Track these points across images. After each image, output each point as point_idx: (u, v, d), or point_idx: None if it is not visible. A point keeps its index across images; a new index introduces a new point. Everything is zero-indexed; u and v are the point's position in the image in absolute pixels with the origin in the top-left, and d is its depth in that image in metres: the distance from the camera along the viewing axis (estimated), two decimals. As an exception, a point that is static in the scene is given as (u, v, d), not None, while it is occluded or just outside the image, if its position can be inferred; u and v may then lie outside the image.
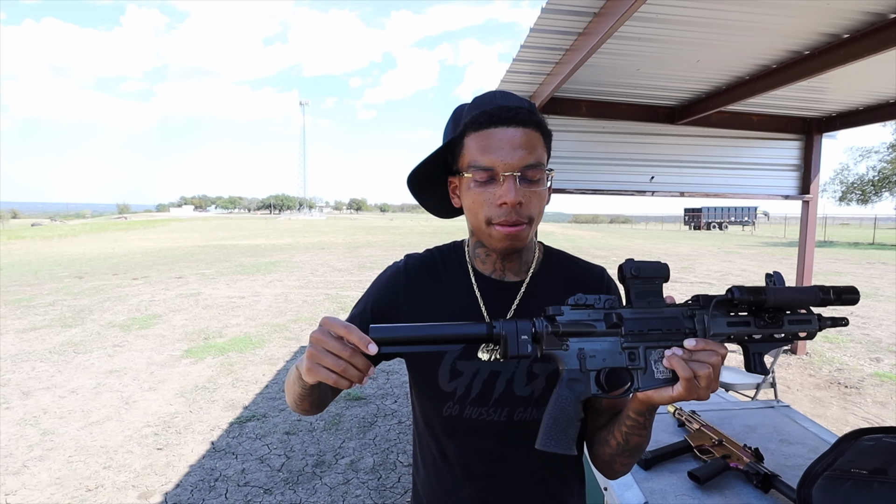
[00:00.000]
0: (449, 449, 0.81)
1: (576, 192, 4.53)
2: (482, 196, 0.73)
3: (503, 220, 0.72)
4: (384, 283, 0.85)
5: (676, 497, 1.17)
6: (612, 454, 0.76)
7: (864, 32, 2.75)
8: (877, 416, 3.79)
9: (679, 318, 0.63)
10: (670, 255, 16.72)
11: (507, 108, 0.72)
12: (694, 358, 0.60)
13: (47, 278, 10.35)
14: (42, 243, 19.73)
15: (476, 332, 0.61)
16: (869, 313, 7.35)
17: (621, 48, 3.11)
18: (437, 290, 0.82)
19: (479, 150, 0.72)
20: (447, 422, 0.80)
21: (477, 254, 0.84)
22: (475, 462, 0.79)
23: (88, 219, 53.24)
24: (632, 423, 0.70)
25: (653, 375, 0.62)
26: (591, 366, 0.62)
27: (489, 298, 0.81)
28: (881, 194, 22.47)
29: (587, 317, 0.63)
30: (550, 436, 0.61)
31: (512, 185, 0.70)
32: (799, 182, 4.94)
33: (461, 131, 0.75)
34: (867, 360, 5.14)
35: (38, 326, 6.29)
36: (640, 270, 0.63)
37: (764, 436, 1.48)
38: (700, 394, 0.60)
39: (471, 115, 0.74)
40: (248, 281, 10.11)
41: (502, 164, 0.70)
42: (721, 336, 0.63)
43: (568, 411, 0.61)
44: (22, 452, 3.10)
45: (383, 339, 0.59)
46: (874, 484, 0.85)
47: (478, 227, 0.76)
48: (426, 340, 0.60)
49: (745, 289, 0.62)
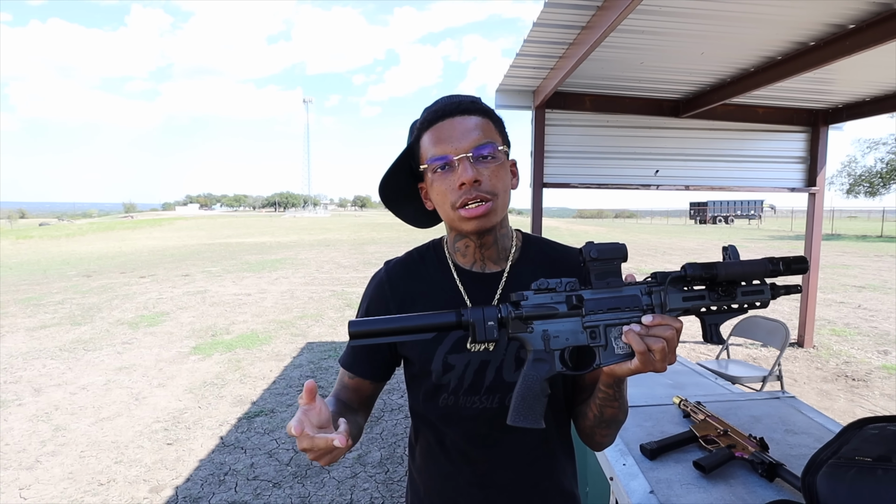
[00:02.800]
0: (446, 436, 0.85)
1: (580, 186, 4.52)
2: (444, 185, 0.77)
3: (464, 199, 0.75)
4: (371, 297, 0.89)
5: (682, 486, 1.18)
6: (591, 426, 0.81)
7: (870, 22, 2.73)
8: (885, 408, 3.77)
9: (637, 295, 0.67)
10: (676, 249, 16.65)
11: (450, 102, 0.78)
12: (650, 333, 0.63)
13: (56, 277, 10.46)
14: (50, 243, 19.92)
15: (445, 320, 0.65)
16: (877, 306, 7.29)
17: (625, 41, 3.10)
18: (422, 289, 0.86)
19: (432, 144, 0.77)
20: (444, 412, 0.84)
21: (457, 248, 0.86)
22: (471, 448, 0.84)
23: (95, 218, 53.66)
24: (603, 395, 0.75)
25: (613, 351, 0.66)
26: (554, 345, 0.66)
27: (472, 291, 0.84)
28: (889, 186, 22.21)
29: (550, 300, 0.66)
30: (519, 412, 0.65)
31: (466, 165, 0.74)
32: (805, 174, 4.91)
33: (416, 135, 0.80)
34: (875, 353, 5.11)
35: (48, 324, 6.37)
36: (600, 252, 0.66)
37: (769, 426, 1.49)
38: (656, 366, 0.64)
39: (420, 118, 0.80)
40: (255, 278, 10.18)
41: (453, 148, 0.75)
42: (677, 311, 0.66)
43: (534, 388, 0.66)
44: (35, 448, 3.15)
45: (361, 332, 0.64)
46: (878, 471, 0.86)
47: (448, 218, 0.80)
48: (400, 331, 0.65)
49: (697, 265, 0.65)
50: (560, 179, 4.45)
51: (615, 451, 1.35)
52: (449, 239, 0.89)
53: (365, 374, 0.88)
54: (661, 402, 1.67)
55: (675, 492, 1.16)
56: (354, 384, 0.89)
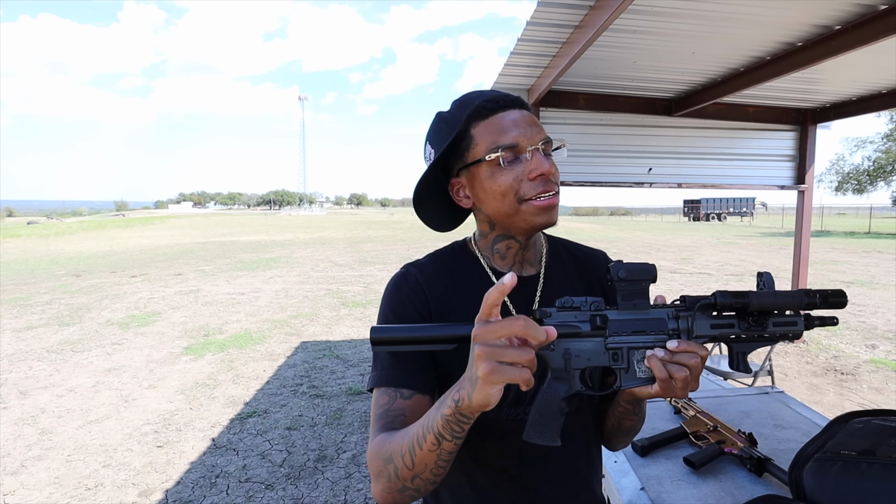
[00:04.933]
0: (483, 452, 0.79)
1: (575, 184, 4.54)
2: (510, 176, 0.72)
3: (540, 191, 0.72)
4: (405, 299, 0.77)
5: (672, 482, 1.19)
6: (609, 432, 0.83)
7: (856, 24, 2.76)
8: (873, 401, 3.83)
9: (664, 319, 0.65)
10: (670, 246, 16.77)
11: (505, 95, 0.74)
12: (674, 360, 0.61)
13: (44, 277, 10.32)
14: (38, 242, 19.66)
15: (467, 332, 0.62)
16: (865, 301, 7.40)
17: (617, 41, 3.11)
18: (459, 293, 0.78)
19: (497, 133, 0.72)
20: (482, 424, 0.75)
21: (496, 249, 0.81)
22: (513, 463, 0.78)
23: (86, 216, 53.01)
24: (622, 409, 0.76)
25: (635, 374, 0.65)
26: (575, 365, 0.65)
27: (514, 296, 0.79)
28: (876, 184, 22.55)
29: (574, 319, 0.65)
30: (535, 428, 0.64)
31: (541, 157, 0.71)
32: (794, 172, 4.96)
33: (465, 124, 0.74)
34: (863, 347, 5.18)
35: (35, 325, 6.29)
36: (629, 273, 0.65)
37: (758, 421, 1.50)
38: (677, 393, 0.62)
39: (472, 107, 0.74)
40: (249, 277, 10.11)
41: (526, 138, 0.71)
42: (704, 338, 0.64)
43: (551, 406, 0.64)
44: (20, 452, 3.10)
45: (382, 339, 0.61)
46: (863, 465, 0.87)
47: (507, 213, 0.74)
48: (423, 340, 0.62)
49: (728, 293, 0.63)
50: (553, 178, 4.46)
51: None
52: (483, 241, 0.82)
53: (424, 389, 0.73)
54: (653, 399, 1.68)
55: (665, 488, 1.16)
56: (414, 405, 0.71)
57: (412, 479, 0.63)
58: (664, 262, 12.20)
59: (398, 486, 0.64)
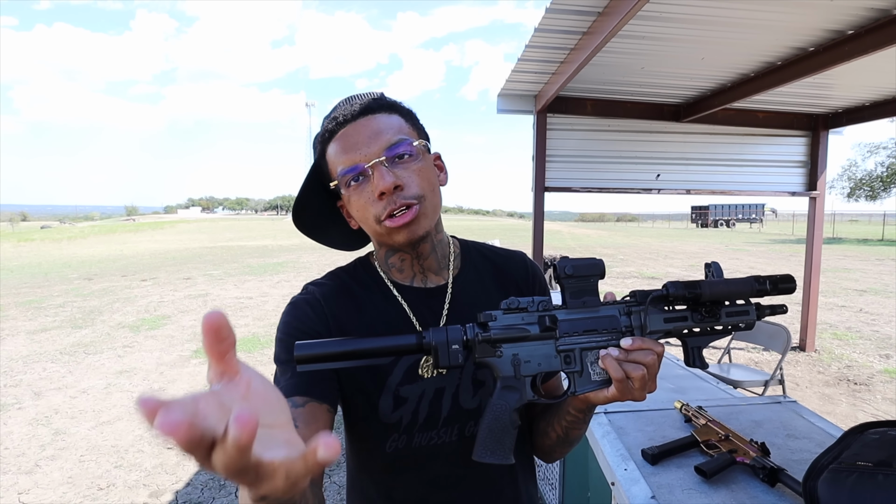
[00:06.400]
0: (396, 488, 0.73)
1: (581, 190, 4.53)
2: (361, 198, 0.67)
3: (388, 210, 0.66)
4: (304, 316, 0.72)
5: (683, 491, 1.18)
6: (551, 445, 0.75)
7: (868, 28, 2.75)
8: (886, 412, 3.76)
9: (615, 316, 0.62)
10: (678, 252, 16.64)
11: (349, 105, 0.70)
12: (630, 358, 0.58)
13: (57, 280, 10.48)
14: (51, 245, 19.96)
15: (405, 343, 0.58)
16: (878, 310, 7.28)
17: (626, 47, 3.12)
18: (362, 314, 0.73)
19: (339, 155, 0.68)
20: (392, 458, 0.72)
21: (391, 264, 0.76)
22: (430, 492, 0.73)
23: (97, 221, 53.80)
24: (572, 418, 0.68)
25: (589, 378, 0.61)
26: (525, 371, 0.60)
27: (418, 308, 0.74)
28: (890, 190, 22.23)
29: (521, 321, 0.60)
30: (486, 446, 0.59)
31: (381, 172, 0.65)
32: (806, 178, 4.92)
33: (320, 149, 0.71)
34: (877, 357, 5.10)
35: (48, 328, 6.38)
36: (576, 269, 0.61)
37: (770, 431, 1.49)
38: (635, 395, 0.58)
39: (321, 129, 0.71)
40: (256, 282, 10.18)
41: (363, 156, 0.66)
42: (658, 333, 0.62)
43: (503, 420, 0.59)
44: (34, 452, 3.15)
45: (309, 356, 0.53)
46: (879, 476, 0.86)
47: (375, 233, 0.71)
48: (355, 354, 0.55)
49: (679, 284, 0.61)
50: (561, 183, 4.46)
51: (616, 455, 1.34)
52: (380, 255, 0.78)
53: (320, 397, 0.65)
54: (663, 407, 1.67)
55: (676, 497, 1.15)
56: (306, 414, 0.63)
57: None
58: (672, 269, 12.11)
59: None
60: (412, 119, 0.73)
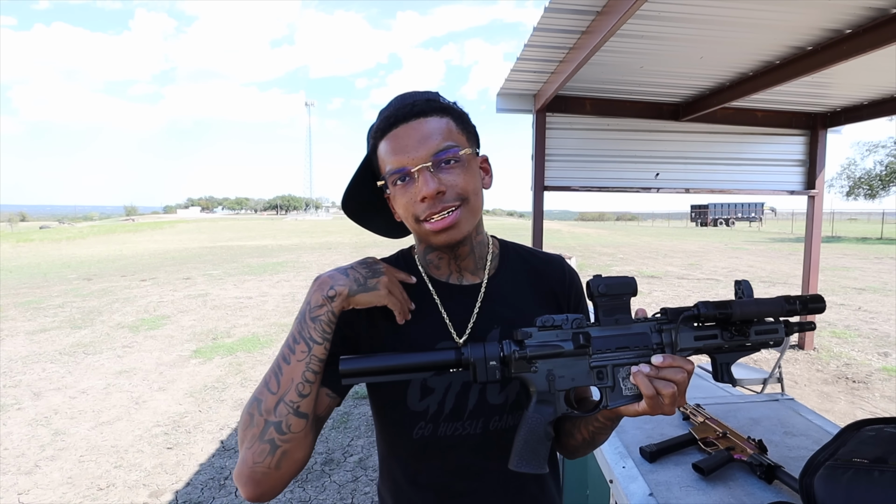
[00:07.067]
0: (421, 473, 0.76)
1: (581, 189, 4.54)
2: (405, 198, 0.70)
3: (428, 213, 0.69)
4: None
5: (681, 488, 1.18)
6: (576, 445, 0.78)
7: (866, 27, 2.75)
8: (885, 410, 3.77)
9: (647, 333, 0.64)
10: (677, 251, 16.65)
11: (403, 105, 0.71)
12: (660, 375, 0.60)
13: (56, 280, 10.47)
14: (50, 246, 19.95)
15: (444, 359, 0.62)
16: (877, 308, 7.29)
17: (624, 46, 3.12)
18: None
19: (389, 155, 0.70)
20: (418, 444, 0.75)
21: (429, 260, 0.80)
22: (453, 481, 0.76)
23: (96, 221, 53.74)
24: (600, 425, 0.71)
25: (621, 392, 0.63)
26: (559, 386, 0.63)
27: (450, 304, 0.77)
28: (889, 189, 22.25)
29: (555, 338, 0.63)
30: (522, 457, 0.62)
31: (426, 177, 0.68)
32: (804, 177, 4.92)
33: (372, 144, 0.74)
34: (875, 355, 5.11)
35: (47, 328, 6.38)
36: (609, 288, 0.63)
37: (768, 428, 1.49)
38: (664, 410, 0.60)
39: (375, 123, 0.73)
40: (256, 281, 10.18)
41: (410, 159, 0.68)
42: (689, 350, 0.64)
43: (538, 432, 0.62)
44: (34, 452, 3.15)
45: (353, 371, 0.60)
46: (875, 473, 0.86)
47: (415, 230, 0.74)
48: (395, 370, 0.61)
49: (710, 304, 0.63)
50: (561, 182, 4.47)
51: (615, 453, 1.35)
52: (419, 250, 0.81)
53: (330, 385, 0.71)
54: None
55: (674, 494, 1.16)
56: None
57: (276, 409, 0.63)
58: (671, 268, 12.12)
59: (261, 430, 0.63)
60: (463, 122, 0.74)
